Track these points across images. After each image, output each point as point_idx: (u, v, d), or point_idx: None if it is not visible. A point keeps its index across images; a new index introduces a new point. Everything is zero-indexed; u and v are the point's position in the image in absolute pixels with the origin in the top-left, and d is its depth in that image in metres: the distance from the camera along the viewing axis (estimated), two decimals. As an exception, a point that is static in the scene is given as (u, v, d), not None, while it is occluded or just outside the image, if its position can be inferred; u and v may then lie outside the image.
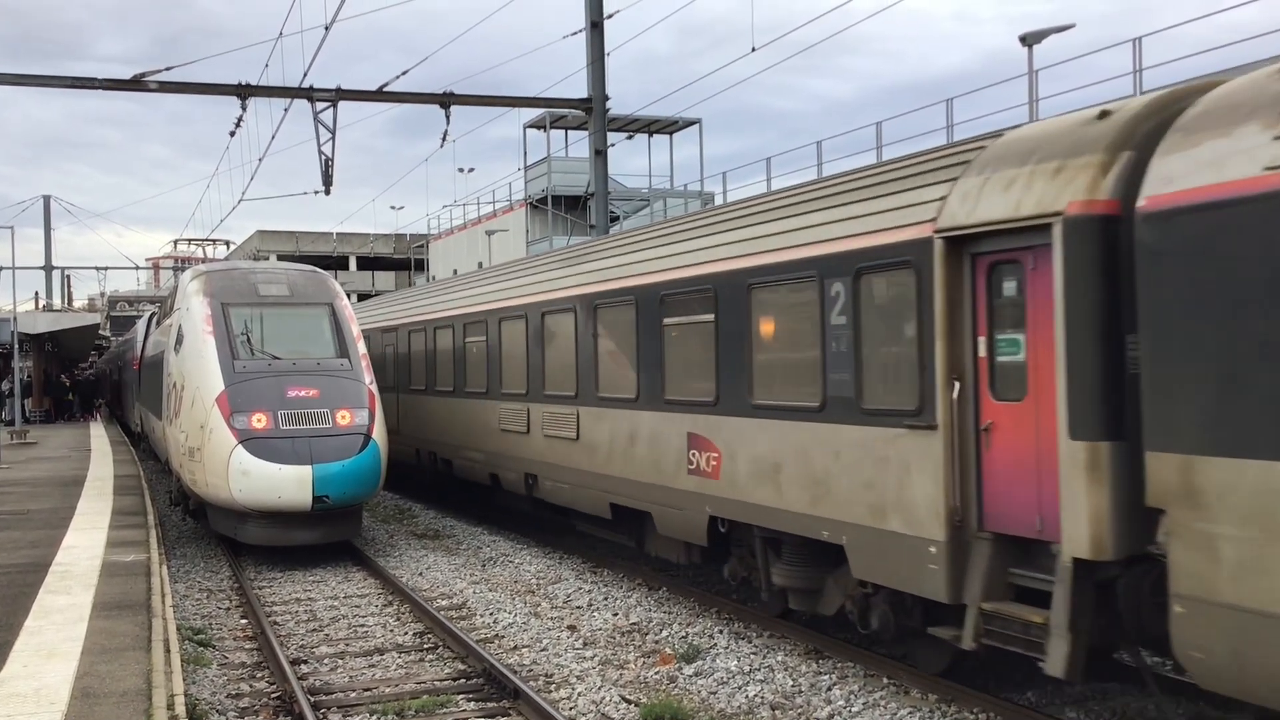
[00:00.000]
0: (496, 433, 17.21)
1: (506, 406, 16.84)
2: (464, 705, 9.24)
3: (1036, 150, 7.89)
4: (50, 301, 65.85)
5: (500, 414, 17.07)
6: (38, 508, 16.68)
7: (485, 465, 17.74)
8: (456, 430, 19.25)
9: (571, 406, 14.56)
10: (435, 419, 20.48)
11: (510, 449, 16.67)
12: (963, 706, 8.80)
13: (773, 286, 10.49)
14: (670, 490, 12.22)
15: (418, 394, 21.61)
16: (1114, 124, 7.47)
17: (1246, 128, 6.27)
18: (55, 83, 22.41)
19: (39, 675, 7.66)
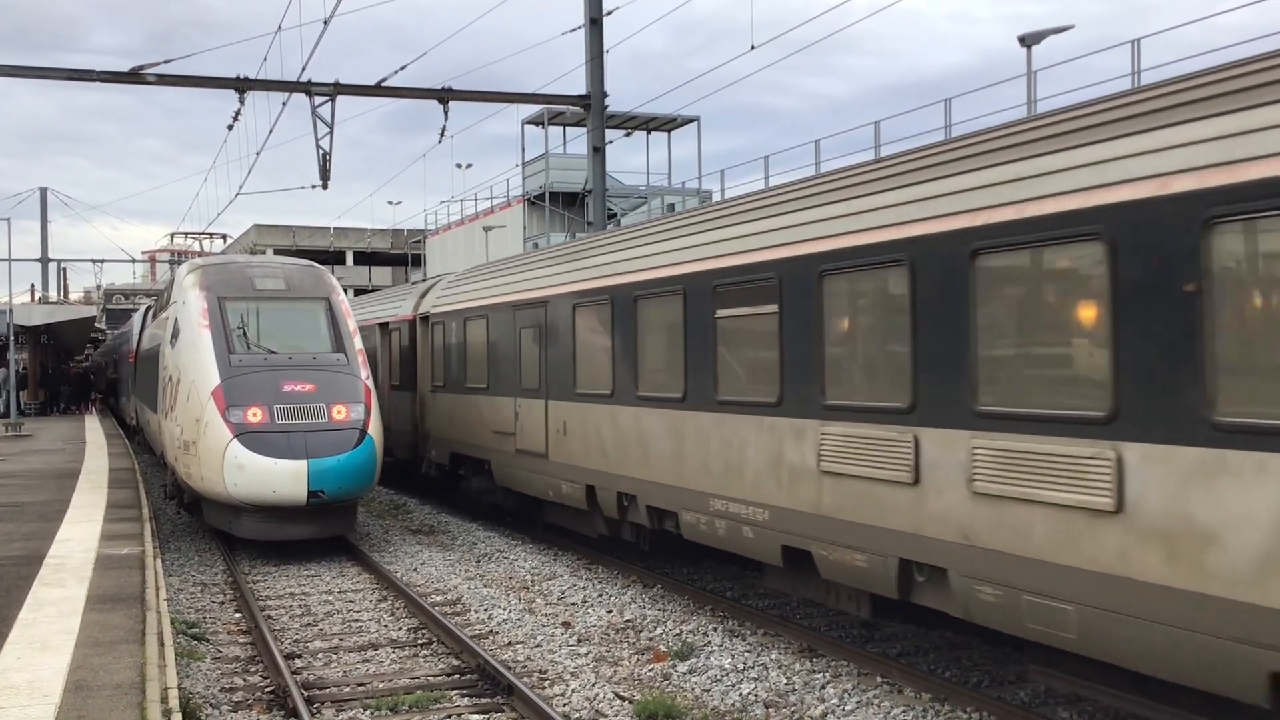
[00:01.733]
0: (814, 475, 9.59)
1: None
2: (458, 701, 9.24)
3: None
4: (46, 294, 65.78)
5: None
6: (32, 500, 16.66)
7: (776, 531, 9.99)
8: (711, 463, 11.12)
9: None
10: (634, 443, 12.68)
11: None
12: (956, 705, 8.81)
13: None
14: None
15: (587, 401, 13.80)
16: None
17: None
18: (52, 75, 22.36)
19: (32, 668, 7.65)
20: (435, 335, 19.73)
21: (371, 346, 23.09)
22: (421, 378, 20.84)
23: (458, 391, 18.55)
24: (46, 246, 60.71)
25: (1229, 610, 6.09)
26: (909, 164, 8.84)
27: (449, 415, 19.06)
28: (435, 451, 19.91)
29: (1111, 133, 7.05)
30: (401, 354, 21.96)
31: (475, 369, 17.69)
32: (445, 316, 19.15)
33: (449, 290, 19.56)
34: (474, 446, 17.82)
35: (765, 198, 10.82)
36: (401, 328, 22.08)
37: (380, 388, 22.08)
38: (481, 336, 17.44)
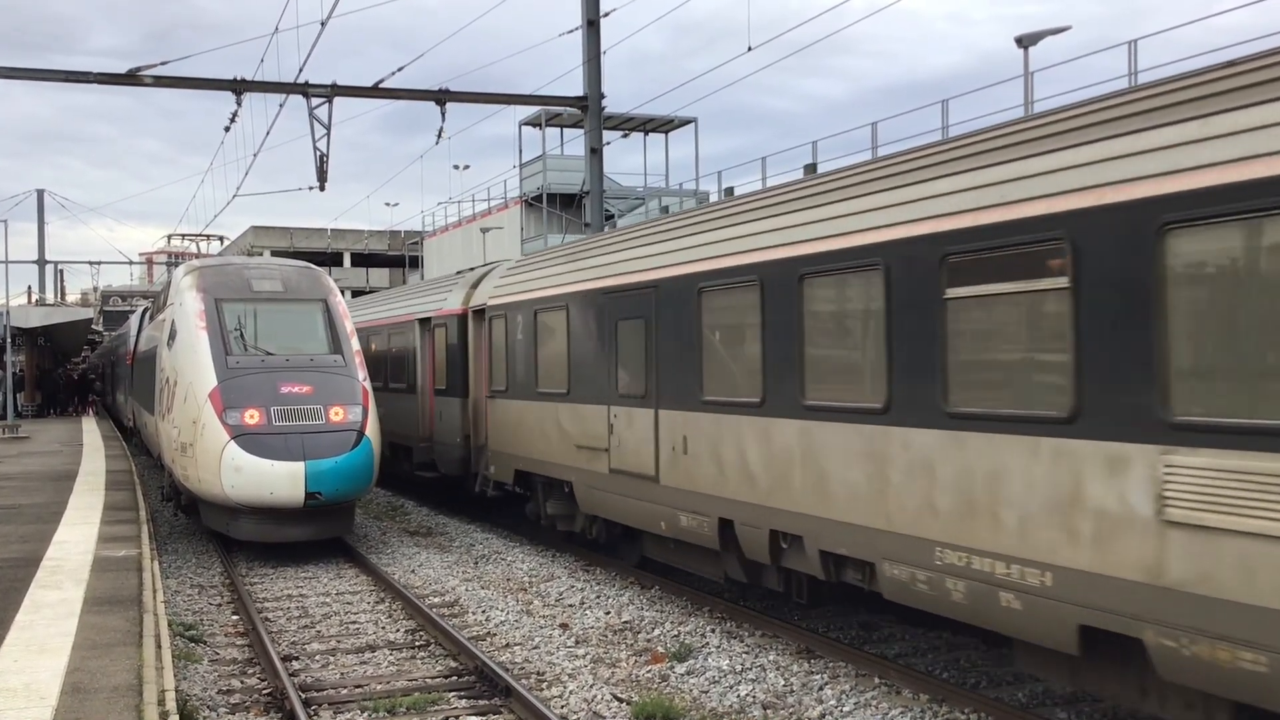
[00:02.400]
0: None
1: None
2: (455, 703, 9.23)
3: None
4: (43, 296, 65.73)
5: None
6: (29, 502, 16.63)
7: (1066, 603, 7.10)
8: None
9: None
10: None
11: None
12: (954, 706, 8.81)
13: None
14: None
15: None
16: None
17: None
18: (50, 76, 22.34)
19: (30, 670, 7.64)
20: (494, 331, 16.61)
21: (406, 346, 21.43)
22: (475, 381, 17.96)
23: (526, 397, 15.39)
24: (44, 248, 60.70)
25: None
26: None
27: (514, 426, 15.83)
28: (494, 468, 16.73)
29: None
30: (448, 354, 18.98)
31: (551, 371, 14.64)
32: (507, 309, 16.02)
33: (511, 278, 16.47)
34: (548, 464, 14.73)
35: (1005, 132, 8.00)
36: (448, 324, 19.02)
37: (420, 392, 20.56)
38: (559, 331, 14.37)
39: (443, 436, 19.41)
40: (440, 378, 19.56)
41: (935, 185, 8.26)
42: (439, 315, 19.54)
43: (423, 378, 20.63)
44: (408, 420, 21.37)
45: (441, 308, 19.50)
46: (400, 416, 21.70)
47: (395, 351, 22.41)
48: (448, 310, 19.19)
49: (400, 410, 21.74)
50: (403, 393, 21.82)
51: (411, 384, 21.27)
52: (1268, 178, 5.75)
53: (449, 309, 19.09)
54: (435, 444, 19.79)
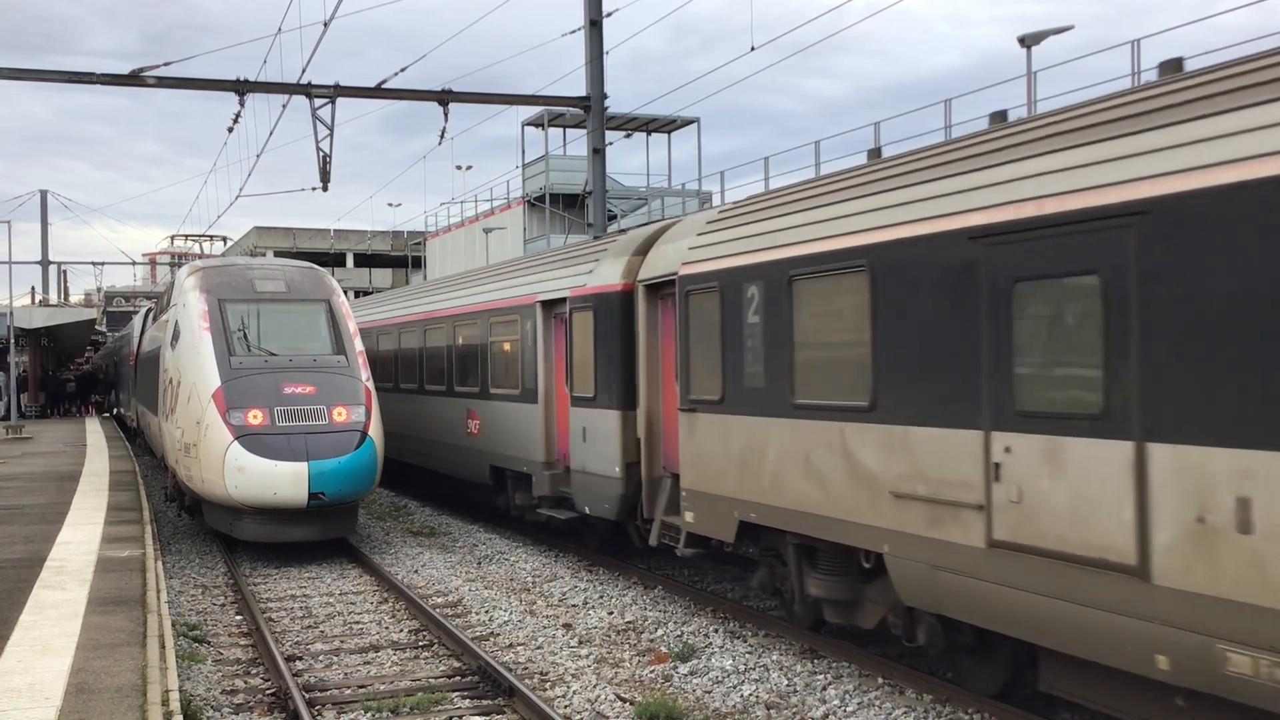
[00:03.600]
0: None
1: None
2: (459, 703, 9.24)
3: None
4: (46, 296, 65.81)
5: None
6: (33, 503, 16.66)
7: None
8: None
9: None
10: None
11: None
12: (957, 707, 8.80)
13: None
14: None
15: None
16: None
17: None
18: (53, 78, 22.37)
19: (34, 670, 7.65)
20: (693, 312, 11.48)
21: (512, 339, 16.60)
22: (648, 387, 12.98)
23: (767, 412, 10.27)
24: (47, 249, 60.75)
25: None
26: None
27: (737, 454, 10.75)
28: (693, 515, 11.58)
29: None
30: (598, 348, 13.82)
31: (828, 370, 9.51)
32: (725, 278, 10.90)
33: (728, 230, 11.29)
34: (819, 519, 9.57)
35: None
36: (596, 306, 13.91)
37: (544, 401, 15.55)
38: (851, 306, 9.17)
39: (587, 463, 14.04)
40: (581, 381, 14.25)
41: None
42: (580, 295, 14.31)
43: (546, 381, 15.54)
44: (517, 438, 16.32)
45: (584, 284, 14.29)
46: (504, 432, 16.89)
47: (492, 347, 17.46)
48: (596, 287, 13.97)
49: (503, 424, 16.91)
50: (506, 400, 16.80)
51: (526, 389, 16.09)
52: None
53: (598, 285, 13.93)
54: (574, 474, 14.39)
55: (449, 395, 19.55)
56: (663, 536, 12.58)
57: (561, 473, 15.28)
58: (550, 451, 15.58)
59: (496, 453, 17.18)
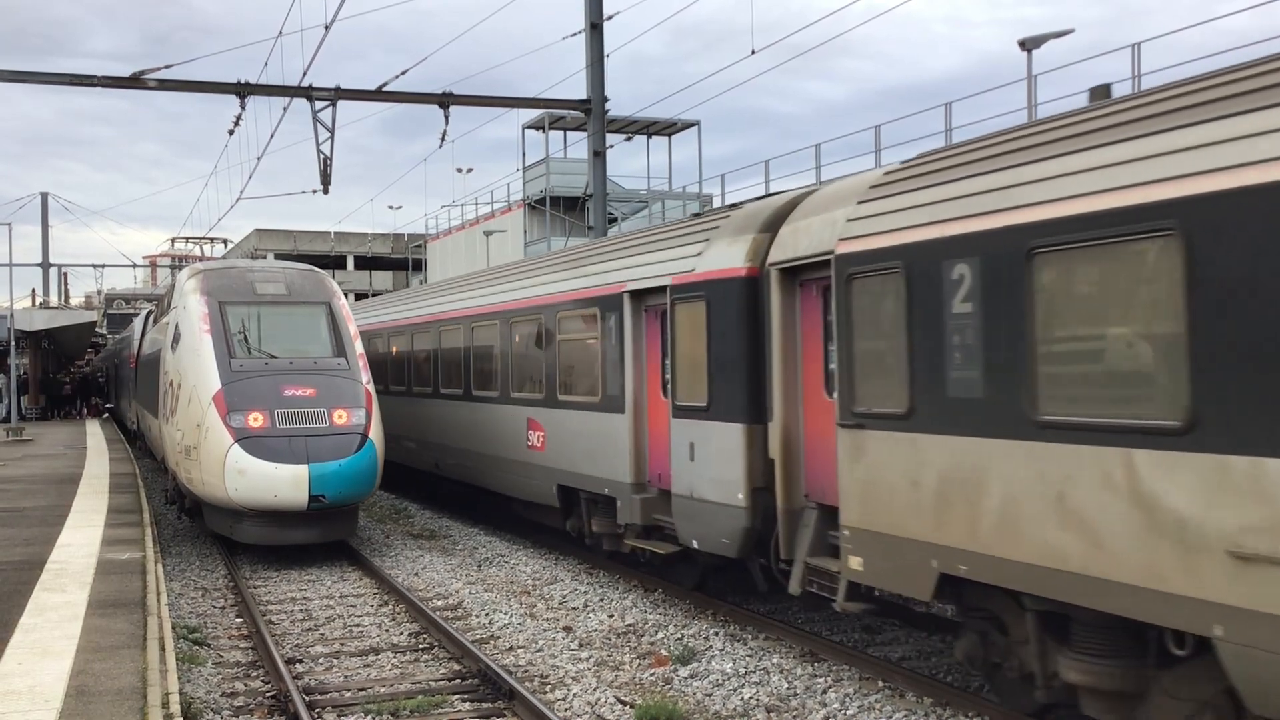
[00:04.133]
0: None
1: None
2: (459, 706, 9.24)
3: None
4: (47, 299, 65.83)
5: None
6: (33, 505, 16.66)
7: None
8: None
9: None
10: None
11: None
12: (958, 710, 8.80)
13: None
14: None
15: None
16: None
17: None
18: (54, 80, 22.40)
19: (34, 673, 7.65)
20: (856, 301, 9.06)
21: (587, 337, 14.11)
22: (783, 394, 10.34)
23: (984, 429, 7.78)
24: (47, 251, 60.76)
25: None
26: None
27: (932, 485, 8.19)
28: (864, 561, 8.97)
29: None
30: (713, 346, 11.29)
31: (1095, 375, 7.02)
32: (910, 256, 8.44)
33: (910, 195, 8.66)
34: (1085, 582, 6.99)
35: None
36: (709, 296, 11.36)
37: (632, 410, 12.96)
38: (1157, 287, 6.58)
39: (696, 487, 11.56)
40: (687, 387, 11.75)
41: None
42: (686, 283, 11.78)
43: (635, 387, 13.04)
44: (596, 454, 13.81)
45: (691, 270, 11.72)
46: (577, 447, 14.36)
47: (561, 347, 14.93)
48: (709, 273, 11.41)
49: (576, 437, 14.37)
50: (581, 409, 14.27)
51: (608, 396, 13.55)
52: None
53: (712, 270, 11.36)
54: (678, 500, 11.92)
55: (503, 402, 16.87)
56: (808, 584, 9.86)
57: (656, 497, 12.70)
58: (640, 471, 12.91)
59: (566, 470, 14.56)
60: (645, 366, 13.00)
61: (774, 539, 10.47)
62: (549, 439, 15.20)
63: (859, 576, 9.06)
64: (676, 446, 11.91)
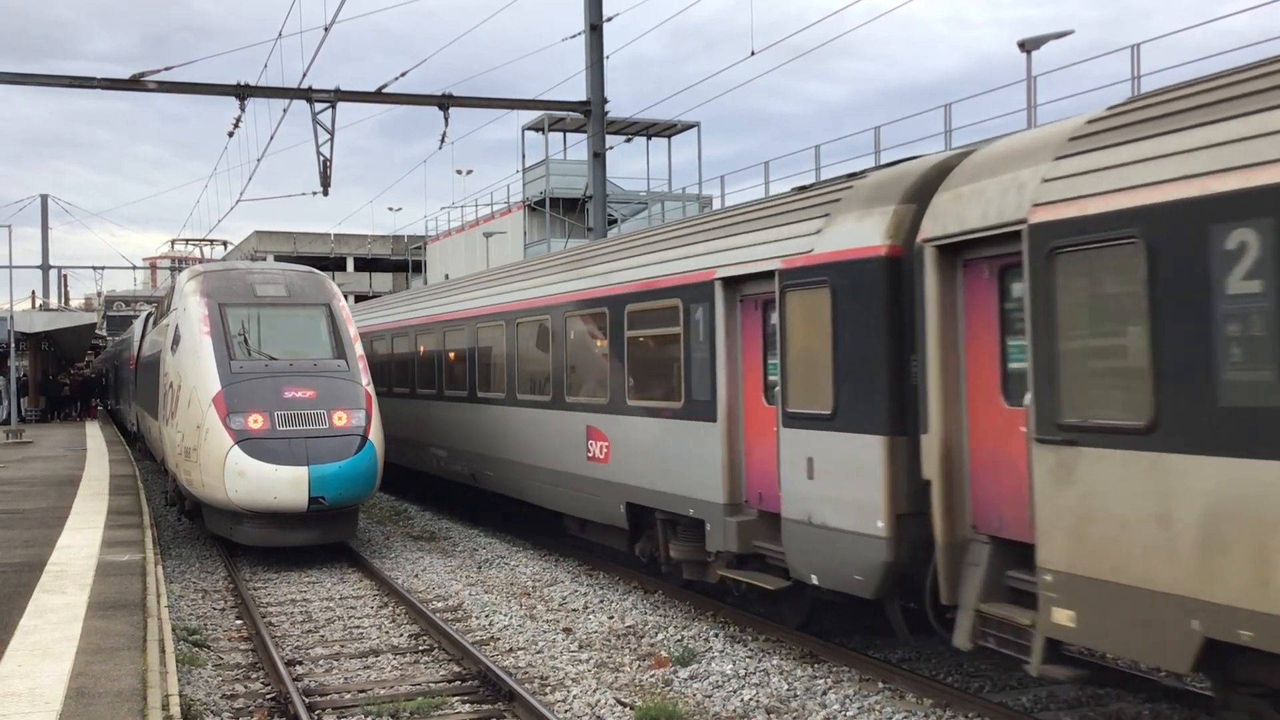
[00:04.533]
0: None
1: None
2: (459, 707, 9.24)
3: None
4: (47, 301, 65.82)
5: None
6: (33, 507, 16.66)
7: None
8: None
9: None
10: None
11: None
12: (958, 711, 8.80)
13: None
14: None
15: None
16: None
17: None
18: (54, 82, 22.40)
19: (34, 675, 7.65)
20: (1062, 282, 7.32)
21: (668, 334, 12.23)
22: (942, 398, 8.52)
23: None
24: (47, 253, 60.78)
25: None
26: None
27: (1194, 522, 6.43)
28: (1078, 614, 7.20)
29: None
30: (839, 339, 9.56)
31: None
32: (1154, 222, 6.67)
33: (1142, 144, 6.94)
34: None
35: None
36: (832, 281, 9.59)
37: (726, 418, 11.17)
38: None
39: (815, 510, 9.77)
40: (804, 390, 9.93)
41: None
42: (801, 266, 9.96)
43: (730, 390, 11.23)
44: (677, 468, 12.02)
45: (809, 250, 9.89)
46: (651, 459, 12.55)
47: (630, 344, 13.12)
48: (835, 253, 9.61)
49: (651, 448, 12.57)
50: (657, 415, 12.45)
51: (693, 401, 11.70)
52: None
53: (839, 249, 9.57)
54: (789, 525, 10.11)
55: (556, 408, 14.89)
56: (981, 637, 8.11)
57: (756, 521, 10.91)
58: (735, 490, 11.09)
59: (637, 487, 12.77)
60: (741, 366, 11.14)
61: (930, 577, 8.59)
62: (615, 451, 13.25)
63: (1068, 635, 7.21)
64: (788, 461, 10.06)
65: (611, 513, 13.47)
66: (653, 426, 12.51)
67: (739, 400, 11.16)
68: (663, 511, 12.38)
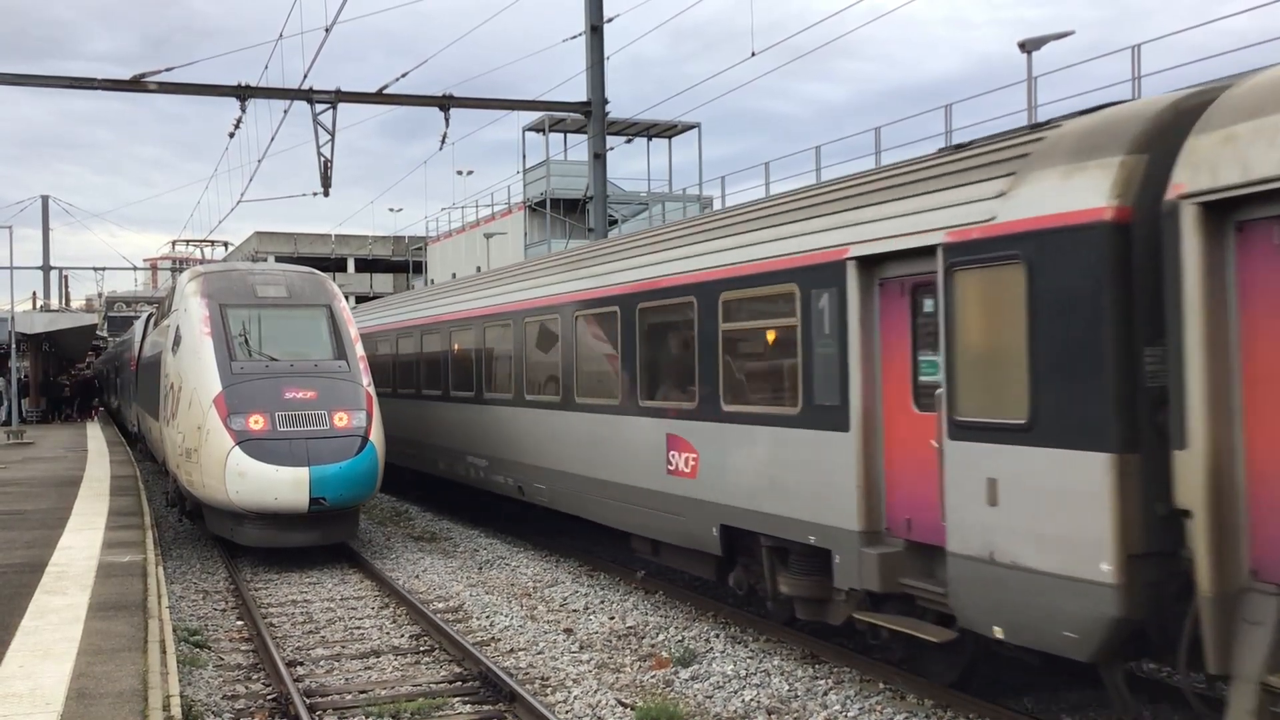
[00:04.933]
0: None
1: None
2: (460, 708, 9.24)
3: None
4: (48, 301, 65.84)
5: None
6: (34, 508, 16.66)
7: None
8: None
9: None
10: None
11: None
12: (959, 712, 8.80)
13: None
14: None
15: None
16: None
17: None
18: (54, 83, 22.40)
19: (35, 675, 7.66)
20: None
21: (767, 324, 10.53)
22: (1210, 407, 6.59)
23: None
24: (48, 254, 60.77)
25: None
26: None
27: None
28: None
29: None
30: (1037, 328, 7.66)
31: None
32: None
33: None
34: None
35: None
36: (1029, 255, 7.72)
37: (864, 421, 9.22)
38: None
39: (1000, 545, 7.92)
40: (980, 393, 8.16)
41: None
42: (979, 239, 8.16)
43: (866, 393, 9.31)
44: (791, 486, 10.12)
45: (990, 218, 8.08)
46: (756, 474, 10.62)
47: (725, 338, 11.20)
48: (1029, 220, 7.79)
49: (756, 461, 10.64)
50: (765, 423, 10.52)
51: (816, 406, 9.80)
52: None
53: (1037, 216, 7.74)
54: (956, 561, 8.31)
55: (628, 413, 12.98)
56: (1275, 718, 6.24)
57: (901, 552, 8.98)
58: (874, 514, 9.19)
59: (735, 506, 10.91)
60: (880, 364, 9.21)
61: (1184, 637, 6.81)
62: (705, 463, 11.42)
63: None
64: (958, 482, 8.22)
65: (699, 535, 11.52)
66: (757, 436, 10.59)
67: (878, 406, 9.23)
68: (770, 537, 10.44)
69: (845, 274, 9.40)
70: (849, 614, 9.52)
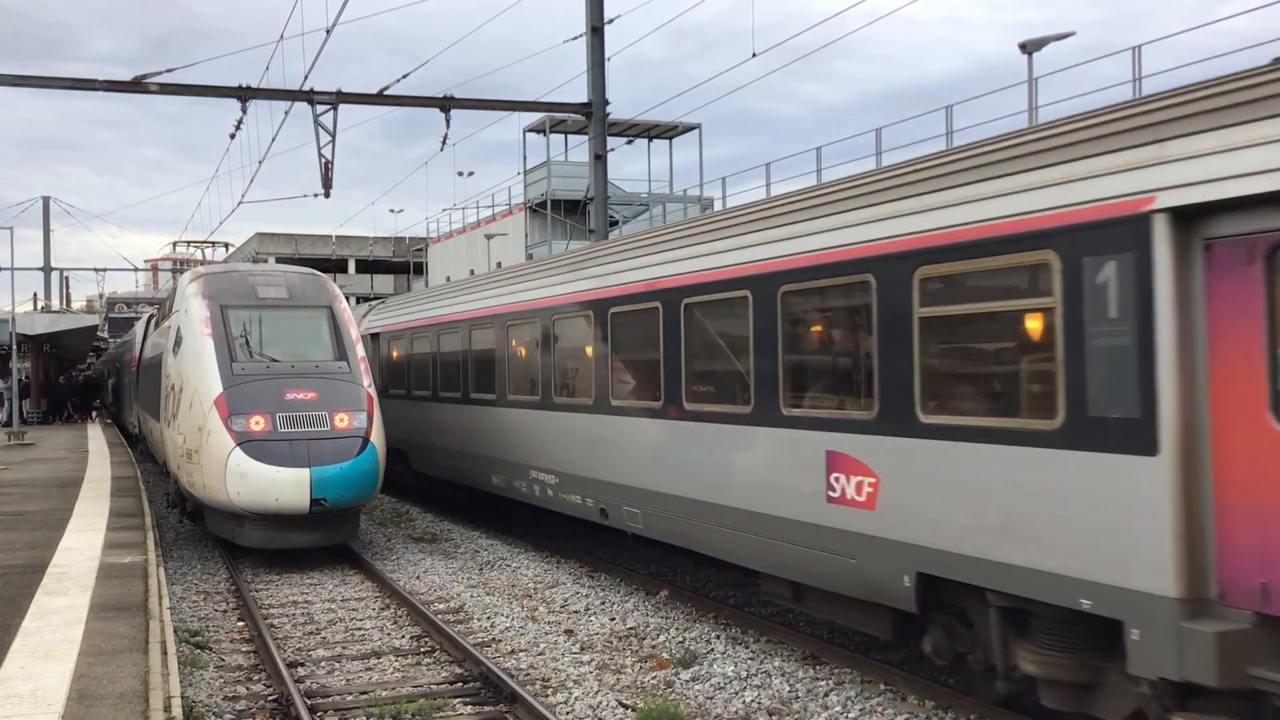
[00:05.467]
0: None
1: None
2: (460, 709, 9.24)
3: None
4: (49, 302, 65.87)
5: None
6: (35, 509, 16.67)
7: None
8: None
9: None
10: None
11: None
12: (960, 713, 8.80)
13: None
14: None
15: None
16: None
17: None
18: (55, 84, 22.41)
19: (36, 676, 7.66)
20: None
21: (997, 308, 7.71)
22: None
23: None
24: (49, 255, 60.79)
25: None
26: None
27: None
28: None
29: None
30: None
31: None
32: None
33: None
34: None
35: None
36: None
37: (1182, 440, 6.53)
38: None
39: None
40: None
41: None
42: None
43: (1178, 401, 6.63)
44: (1045, 526, 7.37)
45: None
46: (979, 509, 7.89)
47: (923, 328, 8.42)
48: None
49: (980, 490, 7.88)
50: (990, 440, 7.81)
51: (1084, 419, 7.11)
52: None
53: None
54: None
55: (765, 424, 10.25)
56: None
57: (1250, 630, 6.34)
58: (1199, 573, 6.56)
59: (943, 550, 8.20)
60: (1207, 364, 6.57)
61: None
62: (889, 490, 8.70)
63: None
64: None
65: (880, 584, 8.84)
66: (983, 458, 7.84)
67: (1202, 419, 6.58)
68: (1004, 595, 7.78)
69: (1150, 232, 6.68)
70: (1140, 708, 7.03)
